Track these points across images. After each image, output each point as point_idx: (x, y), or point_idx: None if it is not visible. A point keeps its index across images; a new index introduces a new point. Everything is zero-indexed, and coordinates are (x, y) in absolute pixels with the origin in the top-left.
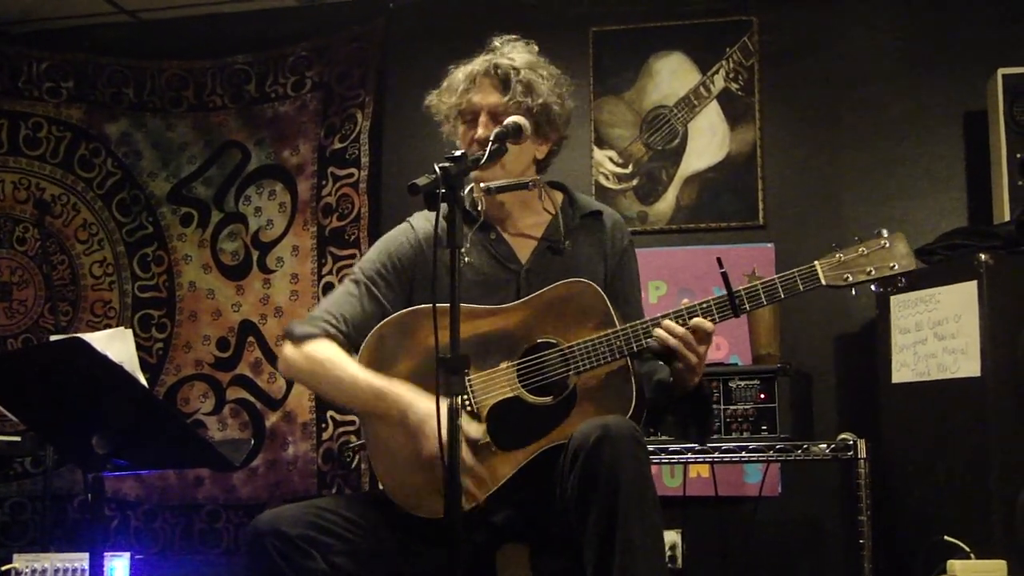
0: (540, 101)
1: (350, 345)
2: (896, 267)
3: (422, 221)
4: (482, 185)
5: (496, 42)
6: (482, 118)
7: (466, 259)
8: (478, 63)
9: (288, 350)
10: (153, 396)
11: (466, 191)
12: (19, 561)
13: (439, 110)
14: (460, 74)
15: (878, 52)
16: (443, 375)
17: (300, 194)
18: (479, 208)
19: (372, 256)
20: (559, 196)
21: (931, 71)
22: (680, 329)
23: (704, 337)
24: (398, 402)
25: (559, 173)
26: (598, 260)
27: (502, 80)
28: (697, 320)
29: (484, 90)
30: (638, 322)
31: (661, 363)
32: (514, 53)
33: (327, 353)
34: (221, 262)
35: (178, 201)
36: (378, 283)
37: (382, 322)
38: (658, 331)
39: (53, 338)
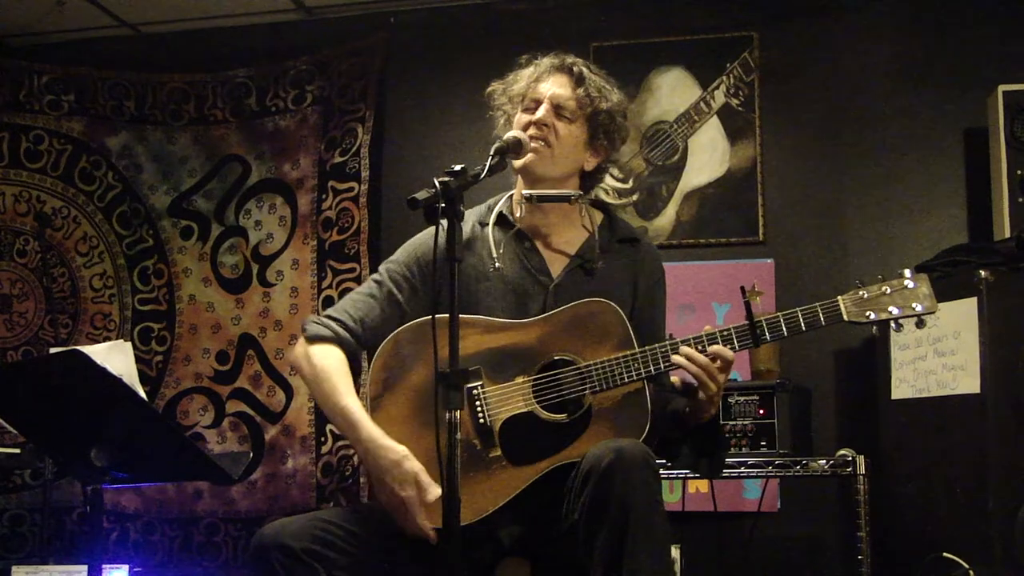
0: (607, 107)
1: (361, 348)
2: (919, 308)
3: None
4: (524, 193)
5: (552, 54)
6: (545, 105)
7: (497, 265)
8: (552, 58)
9: (299, 346)
10: (152, 409)
11: (506, 197)
12: (18, 573)
13: (500, 97)
14: (533, 66)
15: (878, 68)
16: (442, 389)
17: (300, 208)
18: (517, 215)
19: (399, 258)
20: (599, 216)
21: (931, 88)
22: (702, 358)
23: (725, 366)
24: (368, 442)
25: None
26: (628, 286)
27: (577, 77)
28: (717, 347)
29: (556, 81)
30: (656, 345)
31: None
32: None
33: (328, 363)
34: (221, 275)
35: (178, 214)
36: (402, 286)
37: (401, 327)
38: (677, 357)
39: (53, 350)
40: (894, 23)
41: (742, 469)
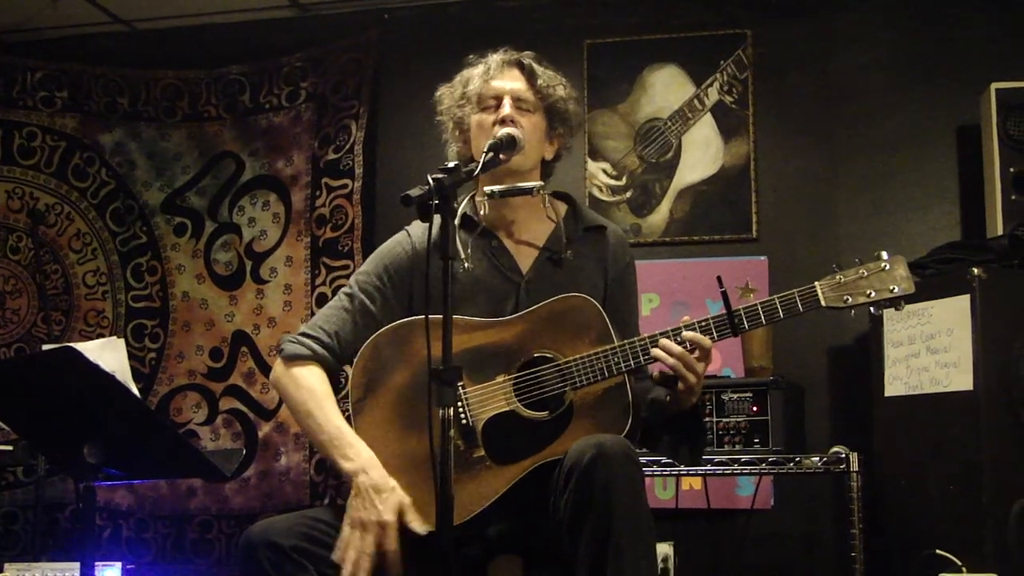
0: (561, 95)
1: (339, 363)
2: (896, 290)
3: (419, 229)
4: (486, 189)
5: (501, 51)
6: (507, 99)
7: (466, 265)
8: (499, 55)
9: (277, 367)
10: (145, 406)
11: (467, 197)
12: (10, 571)
13: (446, 100)
14: (480, 65)
15: (872, 65)
16: (435, 386)
17: (294, 204)
18: (481, 213)
19: (368, 268)
20: (563, 207)
21: (925, 85)
22: (678, 348)
23: (703, 354)
24: (368, 460)
25: (552, 184)
26: (598, 274)
27: (527, 70)
28: (692, 334)
29: (510, 76)
30: (636, 339)
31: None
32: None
33: (308, 383)
34: (215, 272)
35: (172, 211)
36: (373, 297)
37: (378, 331)
38: (656, 350)
39: (45, 347)
40: (888, 20)
41: (735, 466)
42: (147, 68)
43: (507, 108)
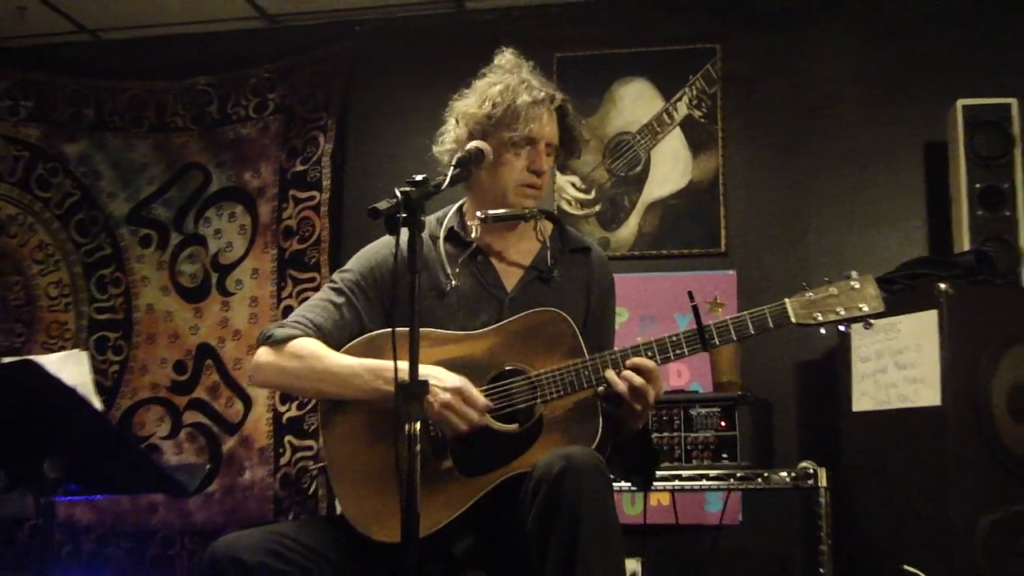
0: (576, 134)
1: None
2: (866, 309)
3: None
4: (479, 214)
5: (507, 60)
6: (544, 148)
7: (453, 283)
8: (537, 90)
9: (264, 354)
10: (107, 420)
11: (454, 209)
12: None
13: (478, 112)
14: (524, 93)
15: (841, 80)
16: (403, 400)
17: (261, 216)
18: (473, 236)
19: (353, 266)
20: (549, 226)
21: (893, 100)
22: (628, 375)
23: (650, 378)
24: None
25: None
26: (582, 295)
27: (561, 113)
28: (637, 359)
29: (549, 119)
30: (607, 352)
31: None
32: (548, 83)
33: (314, 347)
34: (180, 284)
35: (137, 222)
36: (358, 294)
37: (353, 342)
38: (609, 373)
39: (5, 360)
40: (857, 35)
41: (704, 481)
42: (113, 78)
43: (545, 164)
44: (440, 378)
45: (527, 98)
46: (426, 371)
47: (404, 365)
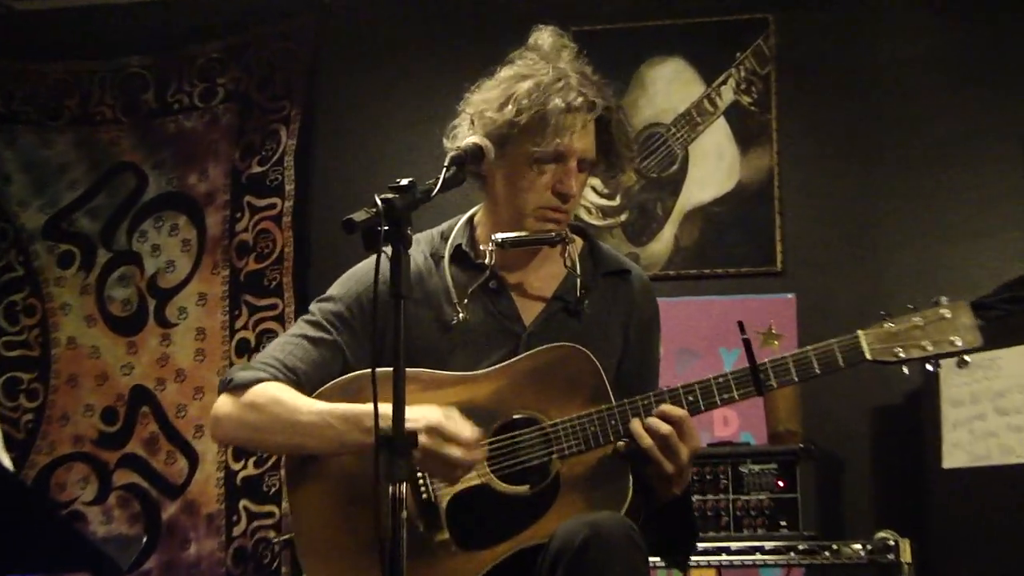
0: (619, 149)
1: None
2: (959, 343)
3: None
4: (495, 237)
5: (544, 42)
6: (575, 165)
7: (461, 315)
8: (574, 93)
9: (223, 404)
10: (19, 481)
11: (462, 222)
12: None
13: (493, 109)
14: (557, 95)
15: (921, 60)
16: (384, 456)
17: (209, 229)
18: (487, 261)
19: (335, 293)
20: (579, 243)
21: (985, 85)
22: (655, 425)
23: (681, 432)
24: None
25: None
26: (618, 330)
27: (601, 123)
28: (664, 407)
29: (586, 132)
30: (638, 397)
31: None
32: (590, 82)
33: (277, 392)
34: (109, 313)
35: (56, 237)
36: (340, 328)
37: (326, 385)
38: (634, 424)
39: None
40: (939, 7)
41: (757, 555)
42: (26, 59)
43: (576, 187)
44: (411, 417)
45: (560, 103)
46: None
47: (387, 410)
